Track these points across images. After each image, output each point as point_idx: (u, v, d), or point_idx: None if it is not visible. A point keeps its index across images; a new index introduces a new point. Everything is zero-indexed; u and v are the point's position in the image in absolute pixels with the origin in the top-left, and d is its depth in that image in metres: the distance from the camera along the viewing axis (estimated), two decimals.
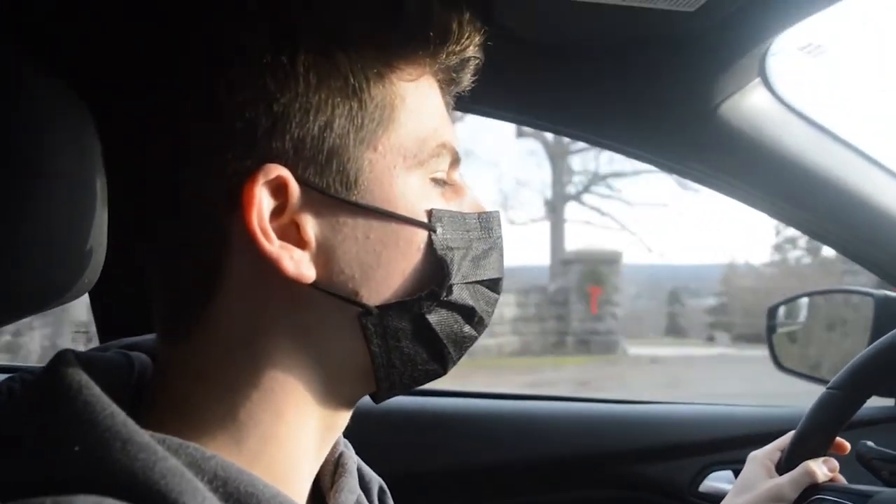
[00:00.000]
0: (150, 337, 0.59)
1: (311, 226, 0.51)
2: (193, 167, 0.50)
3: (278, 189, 0.49)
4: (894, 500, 0.80)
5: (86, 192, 0.54)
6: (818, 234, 1.19)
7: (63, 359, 0.48)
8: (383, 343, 0.53)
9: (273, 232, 0.49)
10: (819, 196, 1.11)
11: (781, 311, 1.52)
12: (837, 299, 1.51)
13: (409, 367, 0.55)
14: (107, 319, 1.21)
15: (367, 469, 0.72)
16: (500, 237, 0.60)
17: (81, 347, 0.57)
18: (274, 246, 0.49)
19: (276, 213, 0.50)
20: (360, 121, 0.51)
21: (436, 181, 0.56)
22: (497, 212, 0.60)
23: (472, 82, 0.62)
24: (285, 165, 0.49)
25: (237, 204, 0.48)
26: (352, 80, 0.51)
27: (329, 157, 0.50)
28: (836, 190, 1.09)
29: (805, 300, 1.52)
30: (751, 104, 1.02)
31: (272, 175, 0.48)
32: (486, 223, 0.59)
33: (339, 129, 0.50)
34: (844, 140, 1.09)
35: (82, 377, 0.46)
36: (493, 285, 0.59)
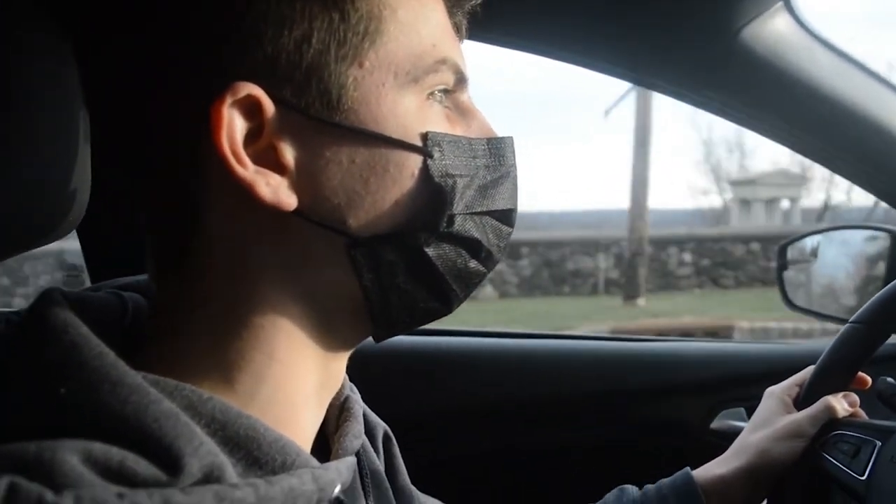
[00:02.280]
0: (145, 277, 0.57)
1: (289, 149, 0.47)
2: (164, 89, 0.47)
3: (251, 109, 0.46)
4: None
5: (67, 127, 0.51)
6: (837, 165, 1.16)
7: (49, 298, 0.45)
8: (376, 277, 0.50)
9: (248, 156, 0.46)
10: (840, 127, 1.07)
11: (793, 248, 1.49)
12: (853, 236, 1.47)
13: (407, 304, 0.52)
14: (98, 260, 1.19)
15: (371, 415, 0.71)
16: (513, 165, 0.56)
17: None
18: (248, 170, 0.46)
19: (253, 137, 0.47)
20: (341, 34, 0.47)
21: (436, 100, 0.52)
22: (510, 138, 0.56)
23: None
24: (258, 84, 0.46)
25: (209, 126, 0.45)
26: None
27: (308, 75, 0.47)
28: (859, 120, 1.06)
29: (818, 237, 1.49)
30: (772, 29, 0.97)
31: (242, 93, 0.45)
32: (498, 149, 0.55)
33: (317, 44, 0.47)
34: (868, 68, 1.05)
35: (69, 316, 0.43)
36: (505, 217, 0.55)
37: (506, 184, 0.55)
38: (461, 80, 0.54)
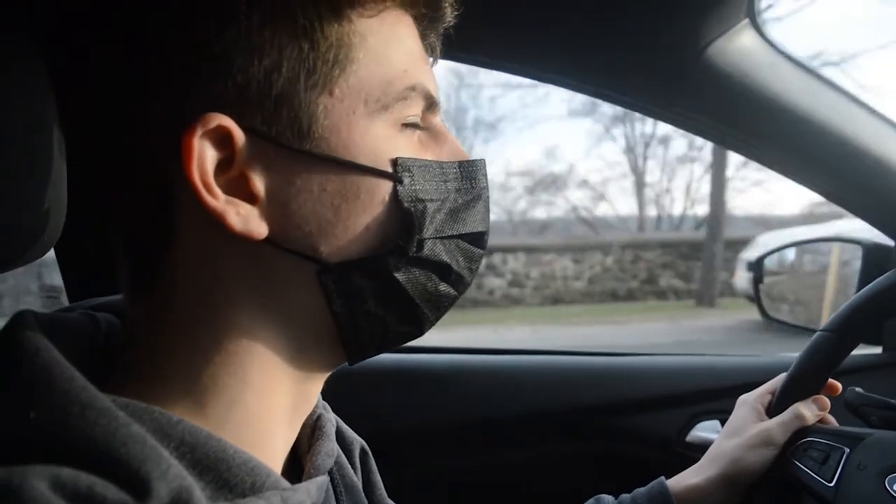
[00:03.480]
0: (120, 297, 0.57)
1: (260, 178, 0.47)
2: (133, 118, 0.47)
3: (222, 140, 0.46)
4: (887, 441, 0.79)
5: (42, 145, 0.51)
6: (805, 179, 1.17)
7: (21, 320, 0.45)
8: (346, 303, 0.50)
9: (219, 186, 0.46)
10: (807, 140, 1.08)
11: (768, 261, 1.51)
12: (825, 248, 1.49)
13: (378, 328, 0.52)
14: (77, 281, 1.18)
15: (348, 431, 0.71)
16: (485, 188, 0.56)
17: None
18: (219, 201, 0.46)
19: (224, 166, 0.47)
20: (311, 63, 0.47)
21: (408, 126, 0.52)
22: (482, 160, 0.56)
23: (455, 17, 0.57)
24: (229, 114, 0.46)
25: (179, 157, 0.45)
26: (301, 18, 0.47)
27: (278, 104, 0.47)
28: (825, 134, 1.07)
29: (792, 250, 1.52)
30: (739, 46, 0.99)
31: (212, 124, 0.45)
32: (469, 172, 0.55)
33: (287, 73, 0.47)
34: (834, 83, 1.07)
35: (40, 339, 0.43)
36: (476, 240, 0.55)
37: (477, 206, 0.55)
38: (432, 104, 0.54)
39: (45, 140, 0.51)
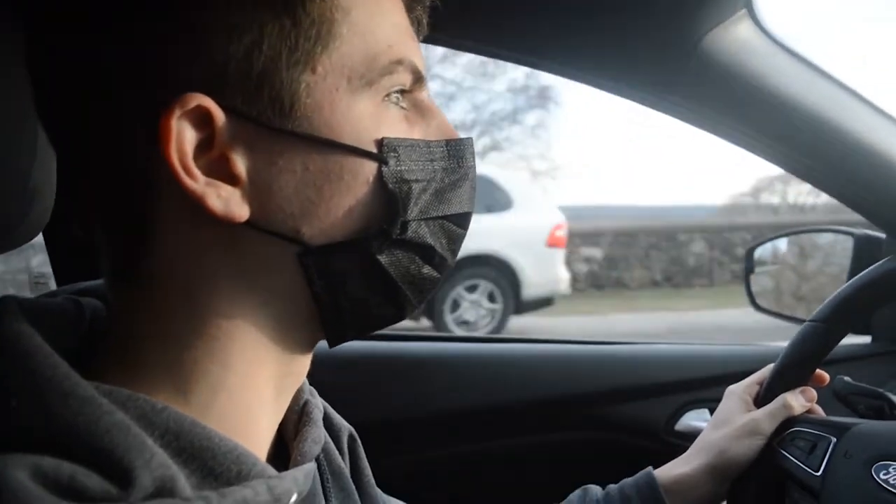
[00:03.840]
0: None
1: (241, 159, 0.46)
2: (111, 101, 0.46)
3: (202, 120, 0.45)
4: (873, 432, 0.80)
5: (29, 131, 0.50)
6: (801, 171, 1.17)
7: (2, 306, 0.45)
8: (327, 285, 0.49)
9: (199, 168, 0.45)
10: (804, 132, 1.08)
11: (759, 251, 1.52)
12: (816, 238, 1.50)
13: (360, 310, 0.52)
14: (64, 265, 1.18)
15: (336, 416, 0.71)
16: (472, 167, 0.55)
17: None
18: (198, 183, 0.45)
19: (204, 148, 0.46)
20: (293, 40, 0.46)
21: (392, 102, 0.51)
22: (469, 139, 0.55)
23: None
24: (208, 94, 0.45)
25: (157, 139, 0.44)
26: None
27: (259, 83, 0.46)
28: (822, 126, 1.07)
29: (783, 240, 1.52)
30: (735, 36, 0.98)
31: (191, 105, 0.44)
32: (457, 151, 0.54)
33: (268, 51, 0.45)
34: (831, 75, 1.07)
35: (22, 326, 0.43)
36: (461, 220, 0.54)
37: (464, 186, 0.54)
38: (419, 79, 0.53)
39: (33, 125, 0.51)
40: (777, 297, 1.51)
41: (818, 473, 0.79)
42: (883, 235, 1.28)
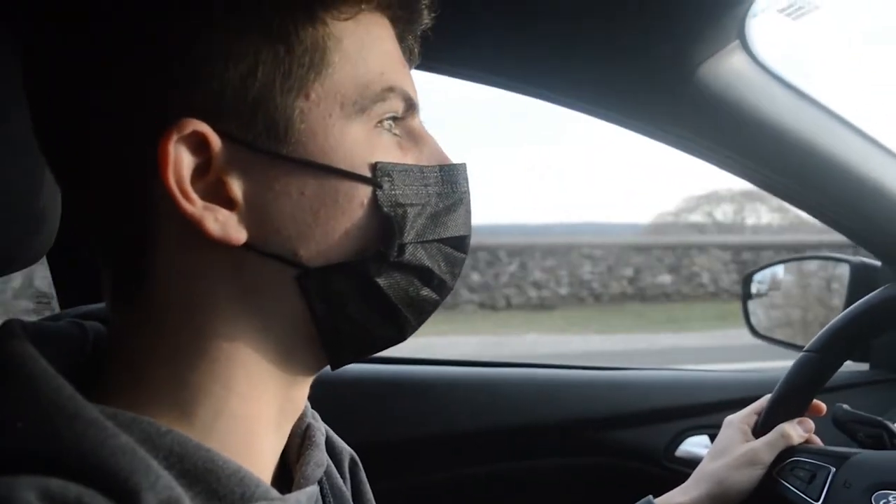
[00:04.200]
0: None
1: (238, 183, 0.47)
2: (108, 127, 0.46)
3: (199, 145, 0.46)
4: (872, 462, 0.80)
5: (35, 153, 0.51)
6: (796, 199, 1.19)
7: (7, 330, 0.45)
8: (327, 307, 0.50)
9: (196, 192, 0.46)
10: (797, 161, 1.10)
11: (757, 278, 1.52)
12: (813, 266, 1.51)
13: (360, 333, 0.52)
14: (68, 287, 1.18)
15: (337, 440, 0.70)
16: (466, 192, 0.55)
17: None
18: (196, 207, 0.46)
19: (201, 172, 0.46)
20: (286, 66, 0.47)
21: (385, 129, 0.52)
22: (463, 164, 0.56)
23: (433, 19, 0.57)
24: (204, 119, 0.45)
25: (155, 164, 0.45)
26: (276, 22, 0.46)
27: (254, 109, 0.46)
28: (814, 155, 1.09)
29: (780, 267, 1.53)
30: (729, 67, 1.00)
31: (187, 130, 0.45)
32: (450, 176, 0.54)
33: (263, 78, 0.46)
34: (823, 105, 1.08)
35: (27, 349, 0.43)
36: (458, 244, 0.55)
37: (459, 210, 0.54)
38: (411, 106, 0.54)
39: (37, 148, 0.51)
40: (775, 324, 1.51)
41: (818, 502, 0.79)
42: (878, 263, 1.29)
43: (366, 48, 0.50)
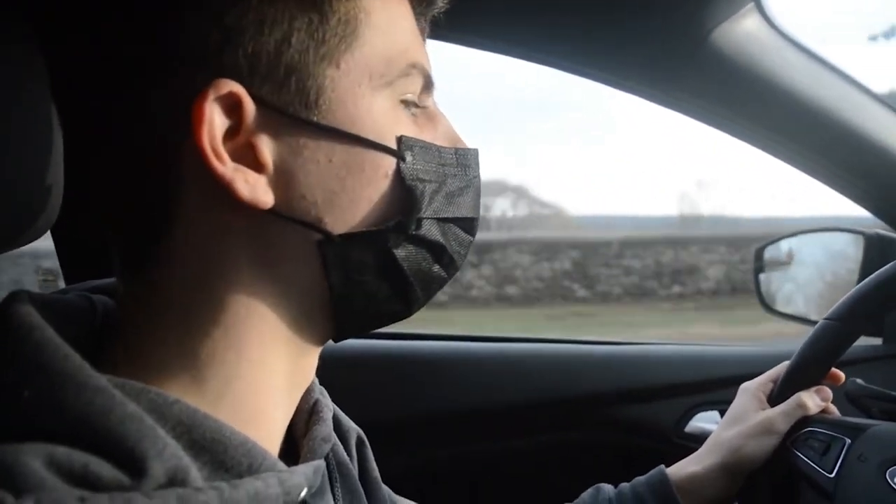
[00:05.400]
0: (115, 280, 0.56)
1: (268, 147, 0.48)
2: (142, 85, 0.46)
3: (232, 107, 0.46)
4: (889, 433, 0.79)
5: (39, 126, 0.50)
6: (810, 167, 1.17)
7: (16, 299, 0.45)
8: (343, 275, 0.50)
9: (227, 153, 0.46)
10: (812, 128, 1.08)
11: (768, 251, 1.50)
12: (826, 238, 1.48)
13: (370, 304, 0.53)
14: (73, 263, 1.18)
15: (344, 418, 0.71)
16: (476, 176, 0.57)
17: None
18: (227, 168, 0.46)
19: (231, 134, 0.47)
20: (320, 35, 0.48)
21: (406, 104, 0.53)
22: (475, 149, 0.57)
23: (447, 3, 0.58)
24: (239, 82, 0.46)
25: (188, 123, 0.45)
26: None
27: (287, 74, 0.47)
28: (830, 122, 1.07)
29: (793, 239, 1.51)
30: (744, 30, 0.98)
31: (223, 91, 0.45)
32: (464, 159, 0.56)
33: (297, 44, 0.47)
34: (840, 70, 1.06)
35: (34, 318, 0.43)
36: (468, 225, 0.56)
37: (469, 193, 0.56)
38: (428, 84, 0.55)
39: (43, 121, 0.50)
40: (786, 298, 1.49)
41: (832, 475, 0.77)
42: (894, 234, 1.27)
43: (392, 24, 0.52)
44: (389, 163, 0.50)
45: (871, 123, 1.08)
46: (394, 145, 0.51)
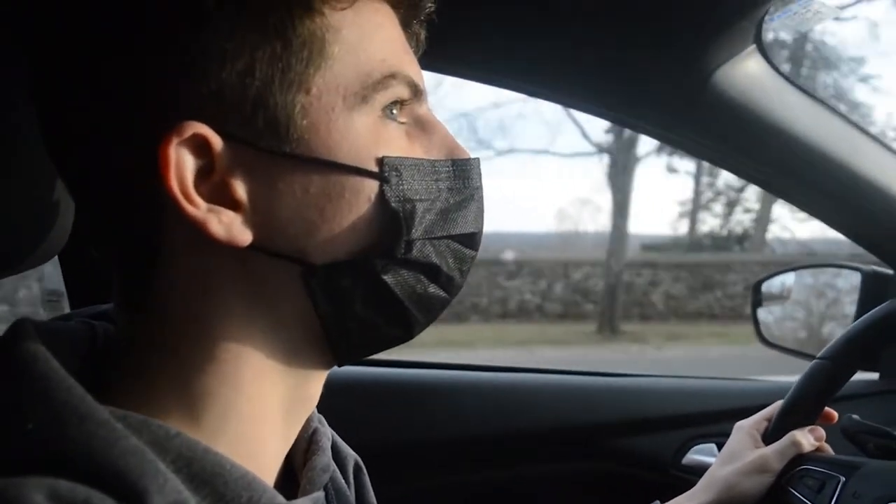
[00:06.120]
0: None
1: (242, 184, 0.46)
2: (109, 133, 0.46)
3: (201, 147, 0.45)
4: (882, 472, 0.79)
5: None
6: (809, 206, 1.18)
7: (20, 329, 0.45)
8: (333, 305, 0.49)
9: (201, 194, 0.45)
10: (811, 168, 1.09)
11: (766, 285, 1.51)
12: (824, 274, 1.50)
13: (366, 331, 0.51)
14: (78, 287, 1.18)
15: (342, 445, 0.70)
16: (478, 187, 0.54)
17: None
18: (200, 210, 0.45)
19: (206, 174, 0.46)
20: (284, 62, 0.46)
21: (391, 118, 0.50)
22: (476, 159, 0.55)
23: (434, 1, 0.56)
24: (204, 121, 0.45)
25: (157, 168, 0.44)
26: (271, 16, 0.45)
27: (254, 107, 0.45)
28: (830, 162, 1.08)
29: (791, 275, 1.52)
30: (745, 72, 0.99)
31: (188, 133, 0.44)
32: (463, 171, 0.53)
33: (261, 75, 0.45)
34: (838, 111, 1.08)
35: (39, 349, 0.43)
36: (468, 241, 0.53)
37: (470, 206, 0.53)
38: (417, 92, 0.52)
39: None
40: (784, 332, 1.50)
41: None
42: (891, 272, 1.28)
43: (366, 36, 0.49)
44: (371, 186, 0.48)
45: (869, 164, 1.09)
46: (374, 168, 0.48)
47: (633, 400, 1.37)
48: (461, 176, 0.53)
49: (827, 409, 0.92)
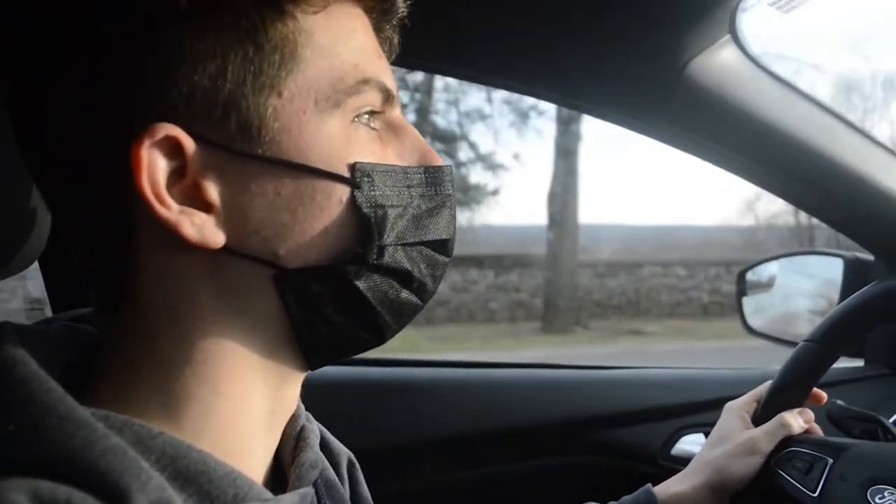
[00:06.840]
0: None
1: (214, 185, 0.47)
2: (82, 135, 0.46)
3: (173, 149, 0.45)
4: (869, 453, 0.80)
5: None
6: (787, 193, 1.19)
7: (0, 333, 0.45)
8: (304, 309, 0.49)
9: (173, 196, 0.46)
10: (789, 157, 1.10)
11: (751, 274, 1.52)
12: (807, 261, 1.51)
13: (338, 335, 0.51)
14: (60, 292, 1.18)
15: (335, 442, 0.70)
16: (450, 195, 0.55)
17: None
18: (172, 212, 0.45)
19: (178, 176, 0.46)
20: (256, 65, 0.46)
21: (363, 123, 0.51)
22: (449, 166, 0.55)
23: (407, 5, 0.56)
24: (176, 123, 0.45)
25: (129, 170, 0.44)
26: (243, 20, 0.46)
27: (226, 109, 0.46)
28: (805, 149, 1.09)
29: (774, 263, 1.53)
30: (720, 61, 1.00)
31: (159, 135, 0.44)
32: (435, 178, 0.54)
33: (233, 77, 0.45)
34: (814, 99, 1.09)
35: (18, 352, 0.43)
36: (440, 247, 0.54)
37: (442, 213, 0.54)
38: (389, 97, 0.53)
39: None
40: (769, 320, 1.51)
41: (815, 494, 0.79)
42: (871, 257, 1.30)
43: (339, 41, 0.50)
44: (343, 190, 0.49)
45: (845, 150, 1.10)
46: (346, 172, 0.49)
47: (620, 392, 1.38)
48: (433, 183, 0.54)
49: (815, 390, 0.92)
